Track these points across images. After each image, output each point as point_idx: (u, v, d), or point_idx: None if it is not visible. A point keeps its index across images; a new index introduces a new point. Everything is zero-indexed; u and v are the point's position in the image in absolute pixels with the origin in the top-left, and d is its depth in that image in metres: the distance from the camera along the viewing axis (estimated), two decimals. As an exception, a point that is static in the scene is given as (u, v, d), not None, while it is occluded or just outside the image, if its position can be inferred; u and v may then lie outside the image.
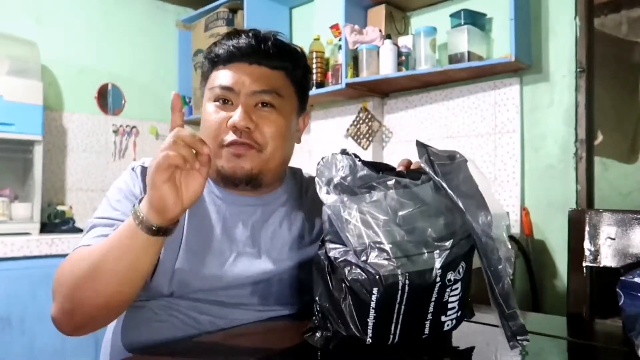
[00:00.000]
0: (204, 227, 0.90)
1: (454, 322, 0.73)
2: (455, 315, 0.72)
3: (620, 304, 0.74)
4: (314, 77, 2.36)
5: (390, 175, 0.71)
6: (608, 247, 0.98)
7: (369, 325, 0.67)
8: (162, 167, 0.66)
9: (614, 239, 0.97)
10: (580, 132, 1.83)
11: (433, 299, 0.68)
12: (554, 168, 1.89)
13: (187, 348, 0.78)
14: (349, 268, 0.67)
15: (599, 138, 1.97)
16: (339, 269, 0.68)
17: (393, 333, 0.68)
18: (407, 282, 0.65)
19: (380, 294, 0.65)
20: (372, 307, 0.66)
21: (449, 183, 0.68)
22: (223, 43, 0.91)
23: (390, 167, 0.77)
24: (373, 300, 0.65)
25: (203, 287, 0.87)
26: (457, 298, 0.71)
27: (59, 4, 2.63)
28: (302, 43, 2.52)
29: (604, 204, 1.84)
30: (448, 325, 0.72)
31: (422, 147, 0.72)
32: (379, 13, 2.26)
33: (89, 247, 0.79)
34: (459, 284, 0.70)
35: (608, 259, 0.97)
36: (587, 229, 1.00)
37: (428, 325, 0.70)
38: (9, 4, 2.48)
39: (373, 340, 0.67)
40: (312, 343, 0.71)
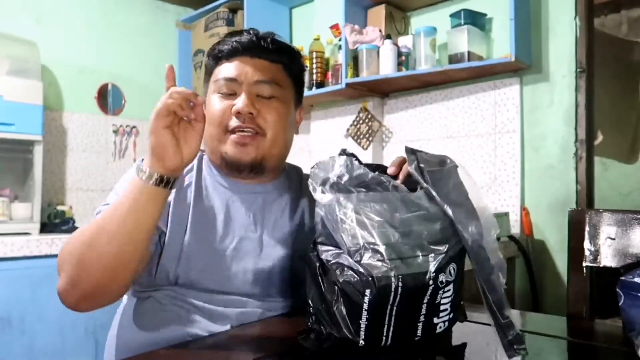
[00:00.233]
0: (209, 212, 0.95)
1: (447, 324, 0.72)
2: (448, 317, 0.72)
3: (620, 304, 0.74)
4: (314, 77, 2.36)
5: (387, 177, 0.72)
6: (608, 247, 0.98)
7: (362, 327, 0.66)
8: (161, 113, 0.74)
9: (614, 239, 0.97)
10: (580, 132, 1.83)
11: (425, 301, 0.68)
12: (554, 168, 1.89)
13: (186, 349, 0.78)
14: (341, 270, 0.67)
15: (599, 138, 1.97)
16: (331, 271, 0.68)
17: (385, 335, 0.68)
18: (400, 284, 0.64)
19: (373, 296, 0.64)
20: (364, 308, 0.65)
21: (439, 191, 0.68)
22: (226, 40, 0.98)
23: (383, 167, 0.78)
24: (365, 302, 0.65)
25: (207, 270, 0.90)
26: (449, 300, 0.70)
27: (59, 4, 2.63)
28: (302, 43, 2.53)
29: (604, 204, 1.84)
30: (440, 327, 0.72)
31: (411, 153, 0.72)
32: (379, 13, 2.26)
33: (94, 218, 0.84)
34: (451, 286, 0.70)
35: (608, 259, 0.97)
36: (587, 229, 1.00)
37: (421, 327, 0.70)
38: (9, 4, 2.47)
39: (366, 343, 0.67)
40: (305, 345, 0.71)
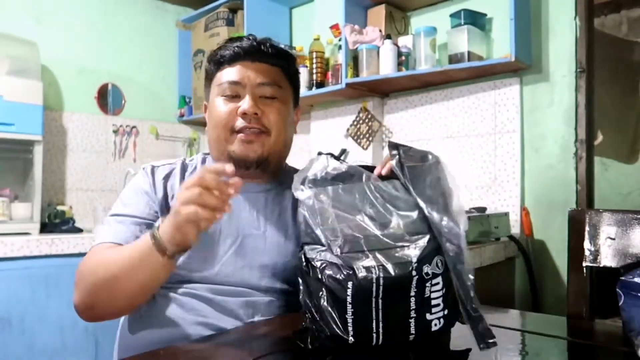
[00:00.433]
0: None
1: (442, 321, 0.71)
2: (442, 314, 0.71)
3: (620, 304, 0.74)
4: (314, 77, 2.37)
5: (361, 169, 0.74)
6: (608, 247, 0.98)
7: (349, 323, 0.67)
8: (190, 219, 0.71)
9: (614, 239, 0.97)
10: (580, 132, 1.83)
11: (412, 294, 0.68)
12: (554, 168, 1.89)
13: (186, 348, 0.78)
14: (324, 265, 0.69)
15: (599, 138, 1.97)
16: (316, 268, 0.70)
17: (376, 332, 0.68)
18: (381, 274, 0.66)
19: (355, 288, 0.66)
20: (348, 302, 0.67)
21: (416, 186, 0.71)
22: (227, 46, 1.03)
23: (372, 167, 0.80)
24: (349, 295, 0.66)
25: (212, 268, 0.94)
26: (440, 294, 0.70)
27: (59, 4, 2.63)
28: (302, 43, 2.53)
29: (604, 204, 1.84)
30: (436, 325, 0.71)
31: (394, 148, 0.75)
32: (379, 13, 2.26)
33: (108, 253, 0.88)
34: (440, 279, 0.70)
35: (608, 259, 0.98)
36: (587, 229, 1.00)
37: (413, 324, 0.69)
38: (9, 4, 2.47)
39: (356, 340, 0.67)
40: (302, 345, 0.72)
